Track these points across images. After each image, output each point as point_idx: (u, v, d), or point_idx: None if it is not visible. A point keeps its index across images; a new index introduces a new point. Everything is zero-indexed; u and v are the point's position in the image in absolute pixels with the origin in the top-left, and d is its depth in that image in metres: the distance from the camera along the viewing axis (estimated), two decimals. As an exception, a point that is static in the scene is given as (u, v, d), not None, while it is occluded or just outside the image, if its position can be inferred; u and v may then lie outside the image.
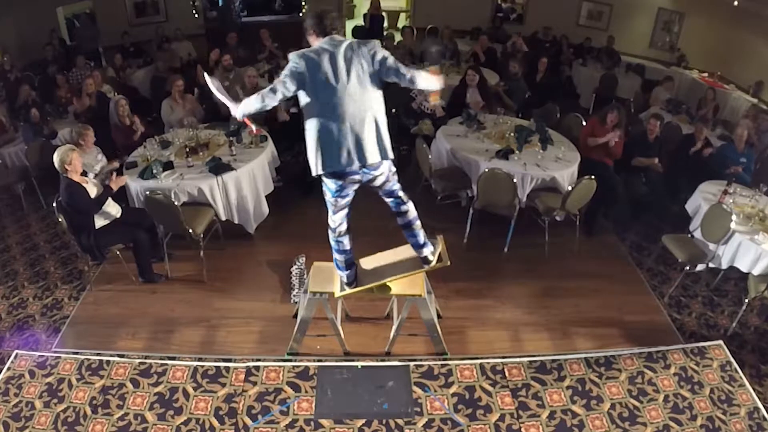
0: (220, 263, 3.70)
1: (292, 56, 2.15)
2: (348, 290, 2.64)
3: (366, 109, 2.16)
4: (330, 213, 2.41)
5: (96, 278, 3.61)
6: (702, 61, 6.91)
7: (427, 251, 2.54)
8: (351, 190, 2.33)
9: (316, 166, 2.20)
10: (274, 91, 2.17)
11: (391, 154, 2.26)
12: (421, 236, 2.52)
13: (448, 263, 2.56)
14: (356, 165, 2.17)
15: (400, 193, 2.45)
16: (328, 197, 2.34)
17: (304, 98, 2.17)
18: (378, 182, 2.32)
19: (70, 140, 3.82)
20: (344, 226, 2.47)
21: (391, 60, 2.15)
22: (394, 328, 2.92)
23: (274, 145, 4.19)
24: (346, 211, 2.42)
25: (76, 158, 3.10)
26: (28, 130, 4.35)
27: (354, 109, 2.14)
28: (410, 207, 2.48)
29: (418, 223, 2.49)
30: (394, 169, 2.37)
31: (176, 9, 7.80)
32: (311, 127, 2.18)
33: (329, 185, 2.29)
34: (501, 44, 7.21)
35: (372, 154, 2.17)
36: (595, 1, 7.98)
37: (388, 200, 2.46)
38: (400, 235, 2.31)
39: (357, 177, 2.24)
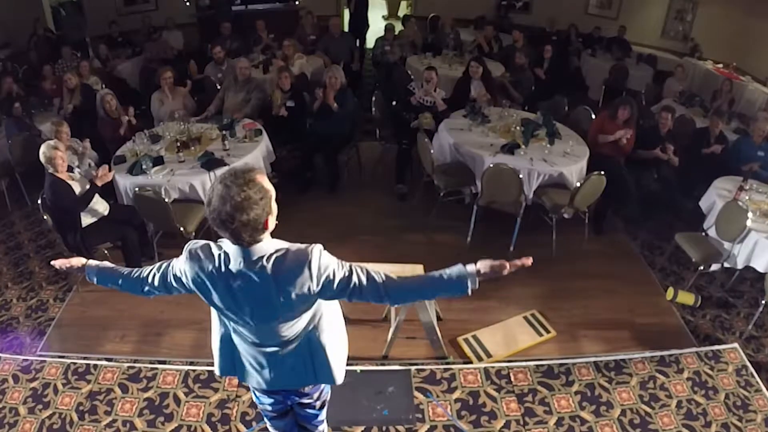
0: (213, 262, 3.60)
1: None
2: None
3: None
4: None
5: (83, 278, 3.47)
6: (717, 52, 6.68)
7: None
8: None
9: None
10: None
11: None
12: None
13: None
14: None
15: None
16: None
17: None
18: None
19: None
20: None
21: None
22: (391, 330, 2.84)
23: (270, 139, 4.05)
24: None
25: (62, 154, 2.99)
26: (11, 123, 4.22)
27: None
28: None
29: None
30: None
31: (167, -3, 7.61)
32: None
33: None
34: (507, 34, 7.02)
35: None
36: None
37: None
38: (399, 234, 2.19)
39: None
